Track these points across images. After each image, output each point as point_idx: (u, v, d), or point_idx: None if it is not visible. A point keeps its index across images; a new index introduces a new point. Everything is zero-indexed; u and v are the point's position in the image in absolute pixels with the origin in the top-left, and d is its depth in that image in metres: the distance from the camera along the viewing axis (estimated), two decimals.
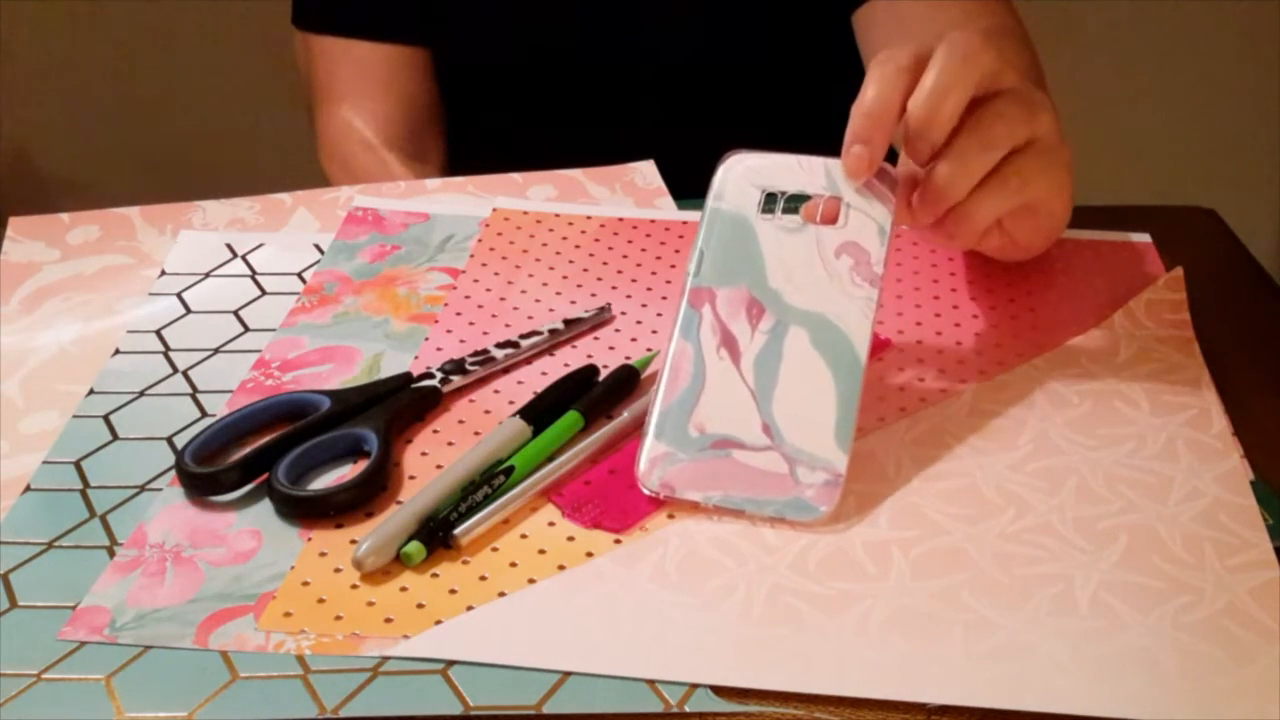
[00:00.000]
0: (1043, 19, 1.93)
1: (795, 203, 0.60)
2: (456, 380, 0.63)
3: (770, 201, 0.60)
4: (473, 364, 0.64)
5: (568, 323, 0.68)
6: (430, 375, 0.63)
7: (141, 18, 1.94)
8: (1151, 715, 0.46)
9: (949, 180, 0.59)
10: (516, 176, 0.83)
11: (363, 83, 0.98)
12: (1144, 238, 0.77)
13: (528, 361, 0.66)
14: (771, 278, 0.59)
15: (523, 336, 0.66)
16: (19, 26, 1.96)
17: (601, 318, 0.69)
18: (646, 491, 0.55)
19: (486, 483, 0.55)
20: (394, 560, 0.52)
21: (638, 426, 0.60)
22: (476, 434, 0.60)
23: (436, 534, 0.53)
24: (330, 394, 0.62)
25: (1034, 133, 0.62)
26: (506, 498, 0.55)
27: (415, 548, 0.52)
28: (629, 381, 0.63)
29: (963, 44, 0.58)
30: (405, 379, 0.63)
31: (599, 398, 0.61)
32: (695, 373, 0.58)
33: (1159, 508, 0.55)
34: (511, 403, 0.62)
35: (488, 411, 0.62)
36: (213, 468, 0.57)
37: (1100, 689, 0.47)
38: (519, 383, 0.64)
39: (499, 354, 0.65)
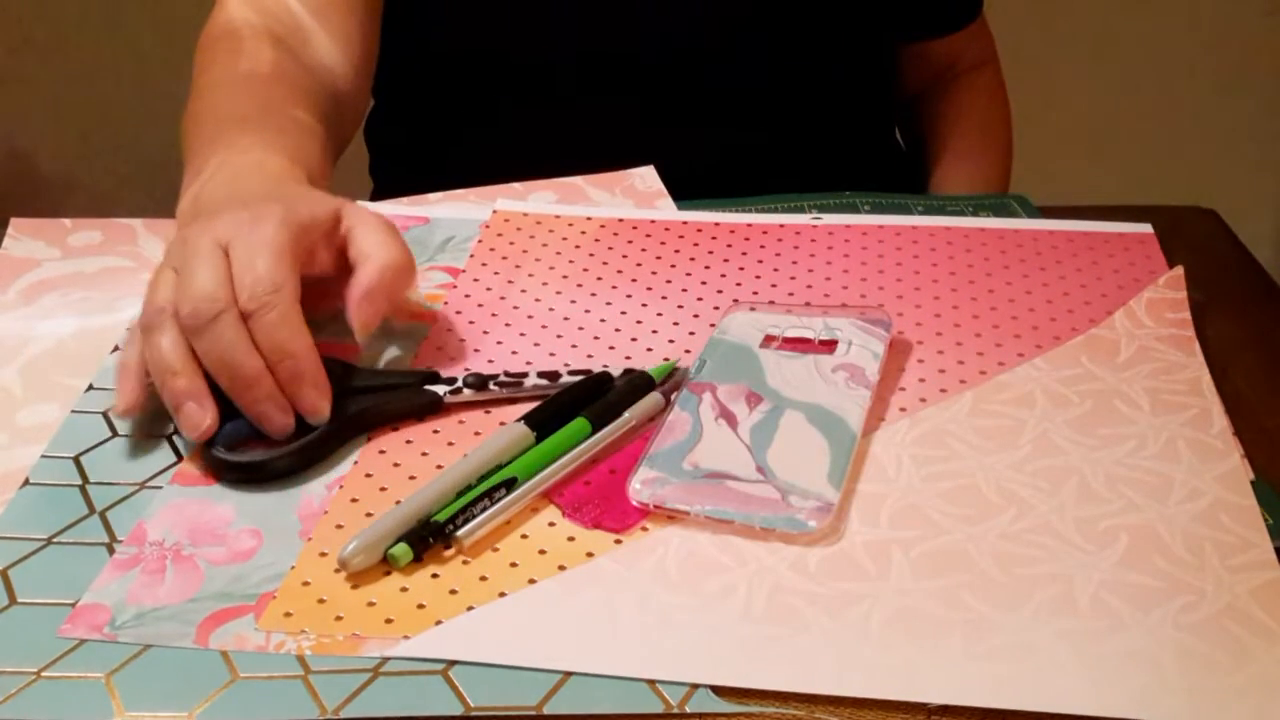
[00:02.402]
0: (1044, 20, 1.94)
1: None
2: (468, 394, 0.62)
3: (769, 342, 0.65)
4: (497, 385, 0.62)
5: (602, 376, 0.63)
6: (453, 380, 0.62)
7: (142, 17, 1.94)
8: (1151, 715, 0.46)
9: None
10: (517, 186, 0.83)
11: None
12: (1145, 228, 0.77)
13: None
14: (770, 381, 0.62)
15: (555, 379, 0.63)
16: (18, 27, 1.96)
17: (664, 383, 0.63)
18: (635, 504, 0.55)
19: (487, 495, 0.54)
20: (386, 561, 0.52)
21: (641, 428, 0.60)
22: (477, 434, 0.60)
23: (425, 539, 0.52)
24: (349, 367, 0.62)
25: None
26: (506, 500, 0.55)
27: (401, 550, 0.52)
28: (643, 390, 0.62)
29: None
30: (426, 378, 0.63)
31: (610, 405, 0.60)
32: (692, 430, 0.59)
33: (1159, 508, 0.55)
34: (515, 405, 0.62)
35: (488, 412, 0.62)
36: (255, 456, 0.58)
37: (1100, 689, 0.47)
38: None
39: (530, 381, 0.63)
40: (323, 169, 0.74)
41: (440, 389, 0.62)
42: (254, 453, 0.58)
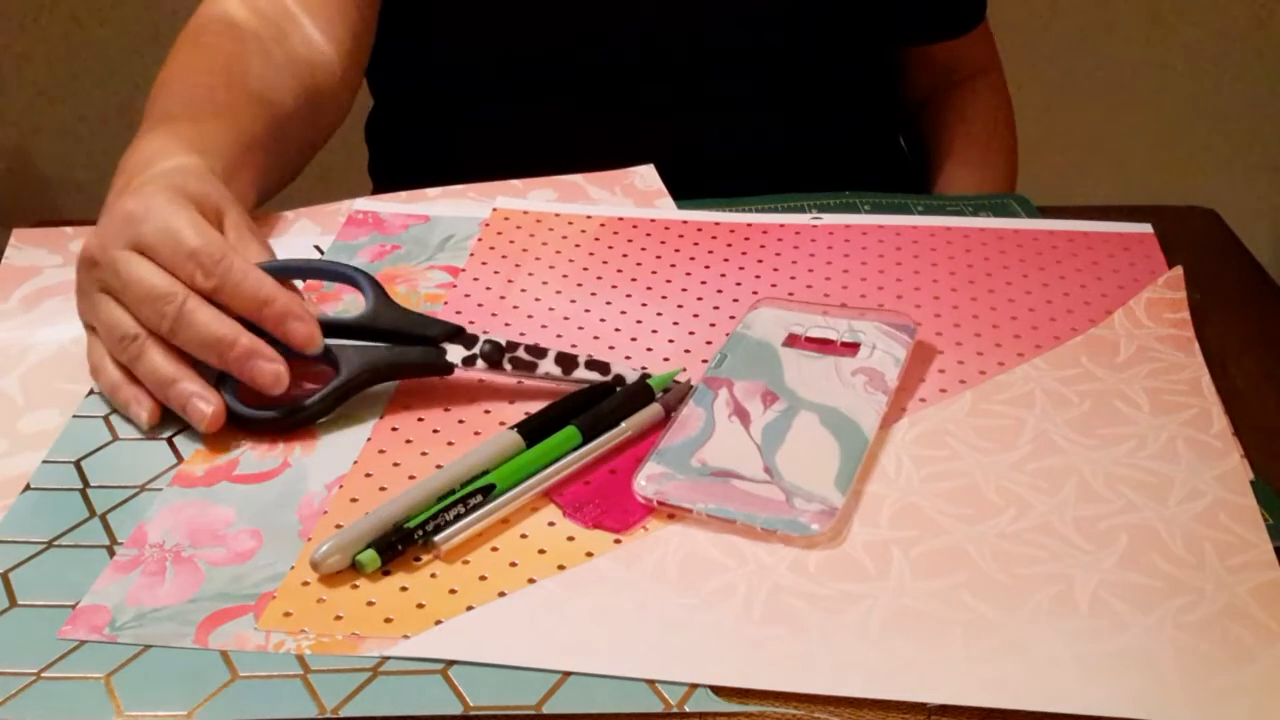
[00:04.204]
0: (1044, 20, 1.94)
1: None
2: (481, 366, 0.63)
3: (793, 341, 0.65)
4: (511, 362, 0.63)
5: (619, 378, 0.63)
6: (473, 342, 0.63)
7: (142, 18, 1.94)
8: (1151, 715, 0.46)
9: None
10: (517, 183, 0.83)
11: None
12: (1145, 228, 0.77)
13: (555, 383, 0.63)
14: (788, 381, 0.62)
15: (570, 368, 0.63)
16: (18, 27, 1.96)
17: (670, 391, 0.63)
18: (640, 499, 0.55)
19: (461, 501, 0.54)
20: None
21: (640, 439, 0.59)
22: (477, 434, 0.60)
23: (395, 545, 0.52)
24: (382, 297, 0.64)
25: None
26: (489, 508, 0.54)
27: (369, 556, 0.52)
28: (641, 400, 0.61)
29: None
30: (450, 332, 0.63)
31: (604, 415, 0.59)
32: (704, 426, 0.59)
33: (1159, 507, 0.55)
34: (526, 413, 0.61)
35: (487, 411, 0.62)
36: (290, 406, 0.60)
37: (1100, 689, 0.47)
38: (520, 383, 0.64)
39: (544, 368, 0.63)
40: (234, 160, 0.72)
41: (458, 352, 0.63)
42: (278, 406, 0.60)
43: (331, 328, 0.63)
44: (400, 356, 0.63)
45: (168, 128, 0.72)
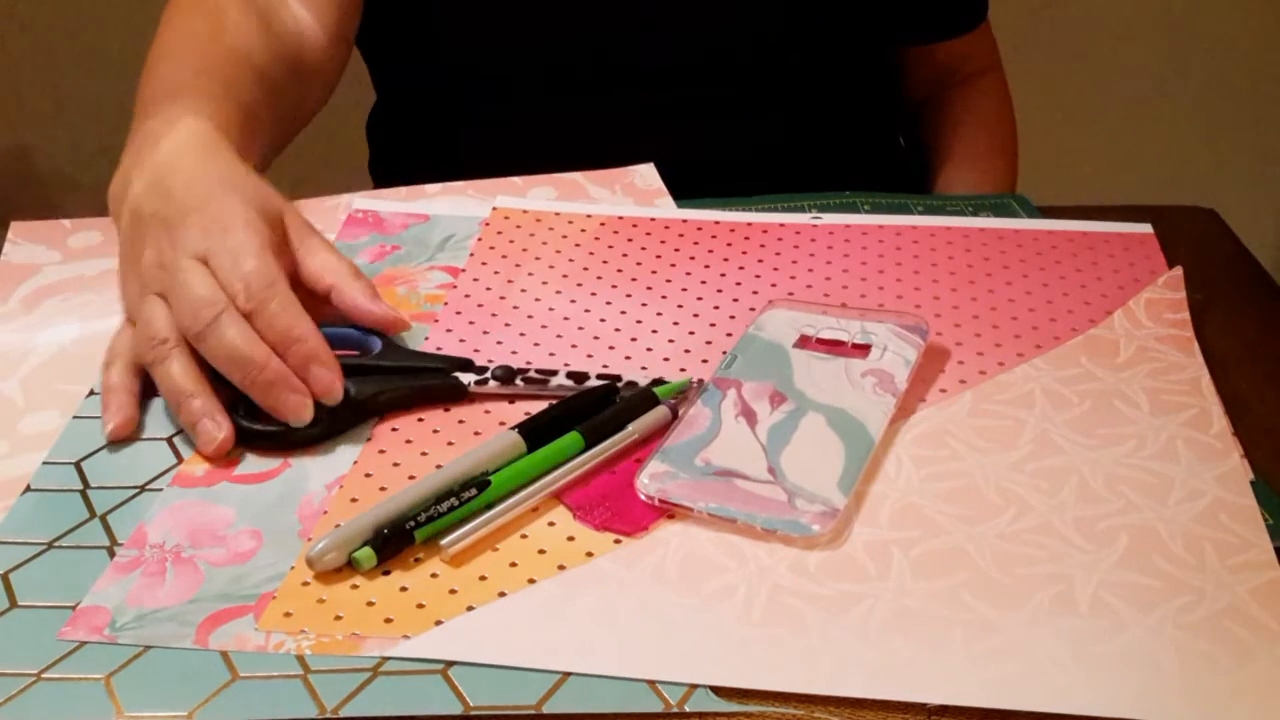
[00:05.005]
0: (1043, 19, 1.94)
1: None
2: (494, 386, 0.63)
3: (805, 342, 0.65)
4: (524, 380, 0.63)
5: (631, 384, 0.63)
6: (483, 370, 0.63)
7: (144, 15, 1.94)
8: (1151, 715, 0.46)
9: None
10: (517, 180, 0.83)
11: None
12: (1145, 228, 0.77)
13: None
14: (798, 382, 0.62)
15: (581, 383, 0.63)
16: (19, 27, 1.96)
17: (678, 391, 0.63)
18: (642, 497, 0.55)
19: (455, 495, 0.54)
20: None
21: (646, 443, 0.59)
22: (477, 434, 0.60)
23: (390, 541, 0.52)
24: (388, 342, 0.65)
25: None
26: (495, 511, 0.54)
27: (365, 554, 0.52)
28: (647, 405, 0.61)
29: None
30: (457, 364, 0.63)
31: (607, 420, 0.59)
32: (710, 426, 0.59)
33: (1159, 508, 0.55)
34: (527, 413, 0.61)
35: (487, 411, 0.62)
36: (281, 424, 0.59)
37: (1100, 689, 0.47)
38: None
39: (557, 381, 0.63)
40: (243, 134, 0.73)
41: (468, 378, 0.62)
42: (278, 423, 0.60)
43: (344, 369, 0.62)
44: (412, 380, 0.62)
45: (181, 102, 0.71)
